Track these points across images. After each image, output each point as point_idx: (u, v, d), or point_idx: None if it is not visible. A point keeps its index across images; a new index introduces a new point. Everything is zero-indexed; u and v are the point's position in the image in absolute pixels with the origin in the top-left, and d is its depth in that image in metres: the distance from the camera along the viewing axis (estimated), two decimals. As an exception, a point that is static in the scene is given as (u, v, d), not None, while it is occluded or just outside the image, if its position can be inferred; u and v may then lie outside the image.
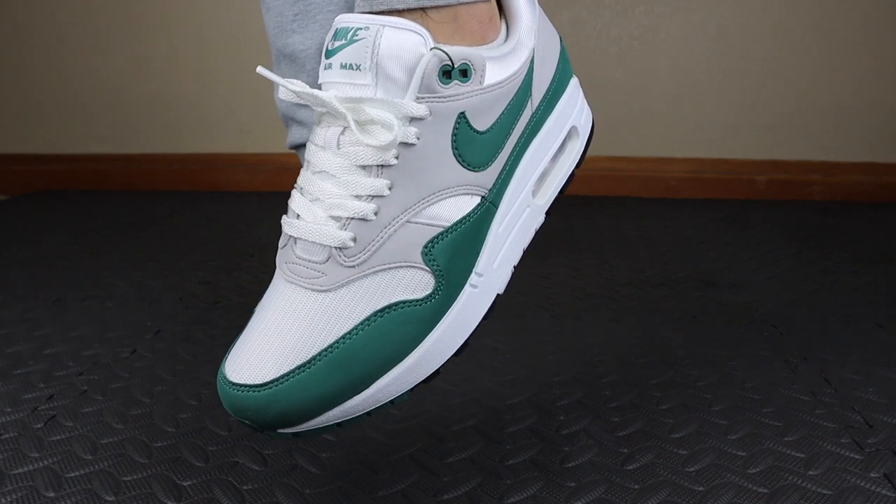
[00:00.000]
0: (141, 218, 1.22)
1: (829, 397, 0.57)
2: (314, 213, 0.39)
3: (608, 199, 1.34)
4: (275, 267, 0.43)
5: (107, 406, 0.57)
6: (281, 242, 0.41)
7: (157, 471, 0.48)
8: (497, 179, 0.43)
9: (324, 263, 0.38)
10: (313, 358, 0.37)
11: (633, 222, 1.17)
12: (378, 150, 0.38)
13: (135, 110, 1.48)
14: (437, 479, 0.47)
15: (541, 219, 0.47)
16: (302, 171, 0.42)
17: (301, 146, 0.73)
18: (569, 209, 1.24)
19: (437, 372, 0.40)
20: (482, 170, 0.41)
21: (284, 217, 0.41)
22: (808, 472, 0.47)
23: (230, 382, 0.37)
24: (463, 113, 0.40)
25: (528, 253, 0.46)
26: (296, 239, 0.40)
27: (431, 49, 0.39)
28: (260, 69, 0.40)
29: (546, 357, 0.65)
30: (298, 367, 0.37)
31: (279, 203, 0.70)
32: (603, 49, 1.34)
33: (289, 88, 0.40)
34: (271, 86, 0.71)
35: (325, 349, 0.37)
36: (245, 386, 0.36)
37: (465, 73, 0.39)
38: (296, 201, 0.41)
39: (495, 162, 0.42)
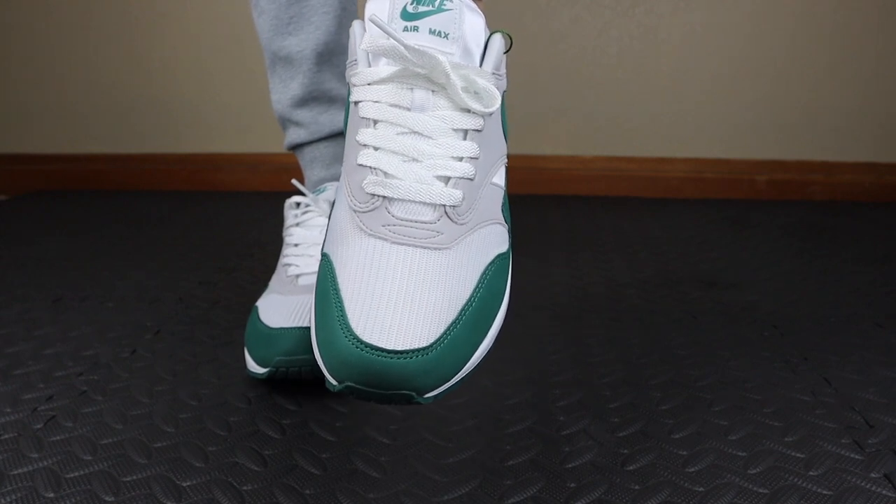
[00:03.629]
0: (141, 218, 1.22)
1: (830, 397, 0.57)
2: (415, 172, 0.40)
3: (608, 199, 1.34)
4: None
5: (106, 406, 0.57)
6: (357, 206, 0.41)
7: (157, 471, 0.48)
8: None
9: (437, 222, 0.40)
10: (459, 314, 0.38)
11: (633, 222, 1.17)
12: (476, 116, 0.41)
13: (134, 110, 1.48)
14: (437, 479, 0.47)
15: None
16: (367, 131, 0.42)
17: (298, 146, 0.73)
18: (569, 209, 1.24)
19: None
20: (507, 140, 0.46)
21: (367, 177, 0.41)
22: (808, 472, 0.47)
23: (388, 351, 0.35)
24: (505, 90, 0.45)
25: (528, 253, 0.46)
26: (390, 199, 0.40)
27: (495, 32, 0.43)
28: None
29: (546, 357, 0.65)
30: (450, 326, 0.38)
31: (279, 203, 0.71)
32: (603, 49, 1.34)
33: (401, 42, 0.40)
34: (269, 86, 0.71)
35: (465, 305, 0.39)
36: (410, 351, 0.36)
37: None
38: (382, 160, 0.40)
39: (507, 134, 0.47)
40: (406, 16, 0.42)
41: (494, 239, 0.43)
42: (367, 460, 0.49)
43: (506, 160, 0.46)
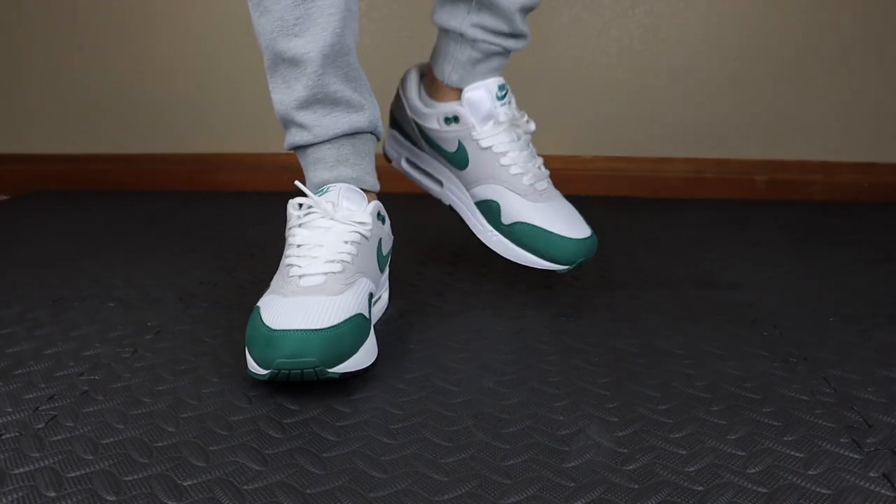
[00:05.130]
0: (141, 218, 1.22)
1: (829, 397, 0.57)
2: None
3: (608, 199, 1.34)
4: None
5: (108, 406, 0.57)
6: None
7: (158, 470, 0.48)
8: None
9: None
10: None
11: (633, 222, 1.17)
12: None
13: (135, 110, 1.48)
14: (437, 479, 0.47)
15: None
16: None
17: (300, 147, 0.73)
18: (569, 209, 1.24)
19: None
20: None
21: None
22: (807, 471, 0.47)
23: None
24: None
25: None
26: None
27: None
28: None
29: (546, 357, 0.66)
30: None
31: (279, 203, 0.71)
32: (603, 49, 1.34)
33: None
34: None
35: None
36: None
37: None
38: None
39: None
40: (503, 97, 0.80)
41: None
42: (367, 460, 0.49)
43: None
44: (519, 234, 0.79)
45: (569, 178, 1.39)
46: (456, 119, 0.79)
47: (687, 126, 1.36)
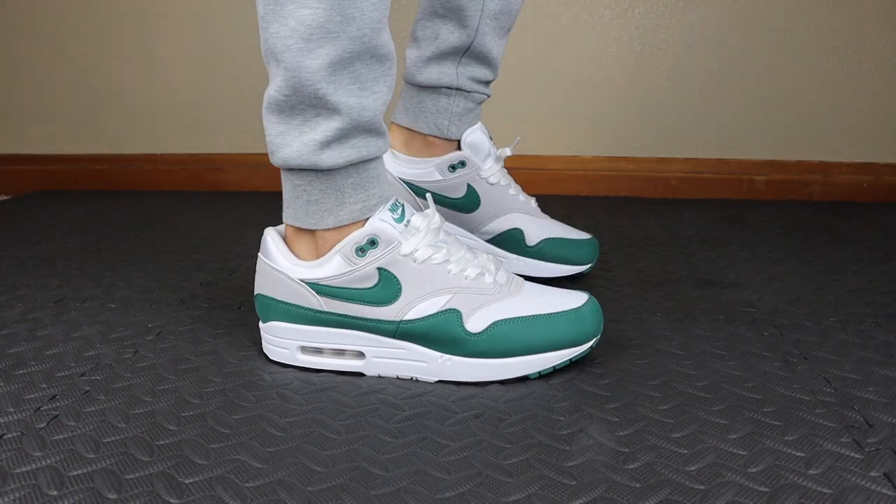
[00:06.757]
0: (141, 218, 1.23)
1: (829, 397, 0.57)
2: None
3: (608, 199, 1.34)
4: None
5: (109, 405, 0.57)
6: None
7: (160, 468, 0.48)
8: None
9: None
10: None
11: (633, 222, 1.17)
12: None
13: (135, 110, 1.48)
14: (439, 476, 0.47)
15: None
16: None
17: (376, 158, 0.72)
18: (569, 209, 1.24)
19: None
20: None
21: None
22: (808, 471, 0.47)
23: None
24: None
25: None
26: None
27: None
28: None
29: (547, 356, 0.66)
30: None
31: (279, 203, 0.71)
32: (603, 49, 1.34)
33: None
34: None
35: None
36: None
37: None
38: None
39: None
40: (489, 136, 0.84)
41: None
42: (369, 458, 0.49)
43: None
44: (546, 250, 0.84)
45: (569, 178, 1.39)
46: (462, 164, 0.82)
47: (687, 126, 1.37)
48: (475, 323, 0.60)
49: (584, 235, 0.86)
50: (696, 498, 0.45)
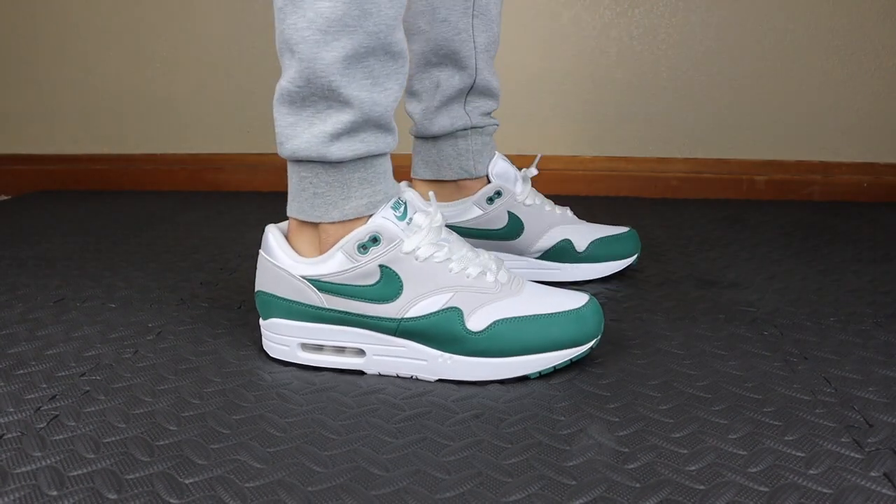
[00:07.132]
0: (141, 218, 1.23)
1: (829, 397, 0.57)
2: None
3: (608, 199, 1.34)
4: None
5: (109, 405, 0.57)
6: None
7: (160, 469, 0.48)
8: None
9: None
10: None
11: (633, 222, 1.17)
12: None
13: (135, 110, 1.48)
14: (439, 476, 0.47)
15: None
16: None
17: (385, 154, 0.72)
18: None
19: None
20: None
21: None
22: (808, 471, 0.47)
23: None
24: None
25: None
26: None
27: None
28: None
29: (547, 356, 0.66)
30: None
31: (279, 203, 0.71)
32: (603, 49, 1.34)
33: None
34: (271, 86, 0.71)
35: None
36: None
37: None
38: None
39: None
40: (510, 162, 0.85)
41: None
42: (369, 458, 0.49)
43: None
44: (597, 252, 0.85)
45: (569, 178, 1.39)
46: (498, 193, 0.83)
47: (687, 126, 1.37)
48: (476, 322, 0.60)
49: (623, 229, 0.88)
50: (696, 498, 0.45)
